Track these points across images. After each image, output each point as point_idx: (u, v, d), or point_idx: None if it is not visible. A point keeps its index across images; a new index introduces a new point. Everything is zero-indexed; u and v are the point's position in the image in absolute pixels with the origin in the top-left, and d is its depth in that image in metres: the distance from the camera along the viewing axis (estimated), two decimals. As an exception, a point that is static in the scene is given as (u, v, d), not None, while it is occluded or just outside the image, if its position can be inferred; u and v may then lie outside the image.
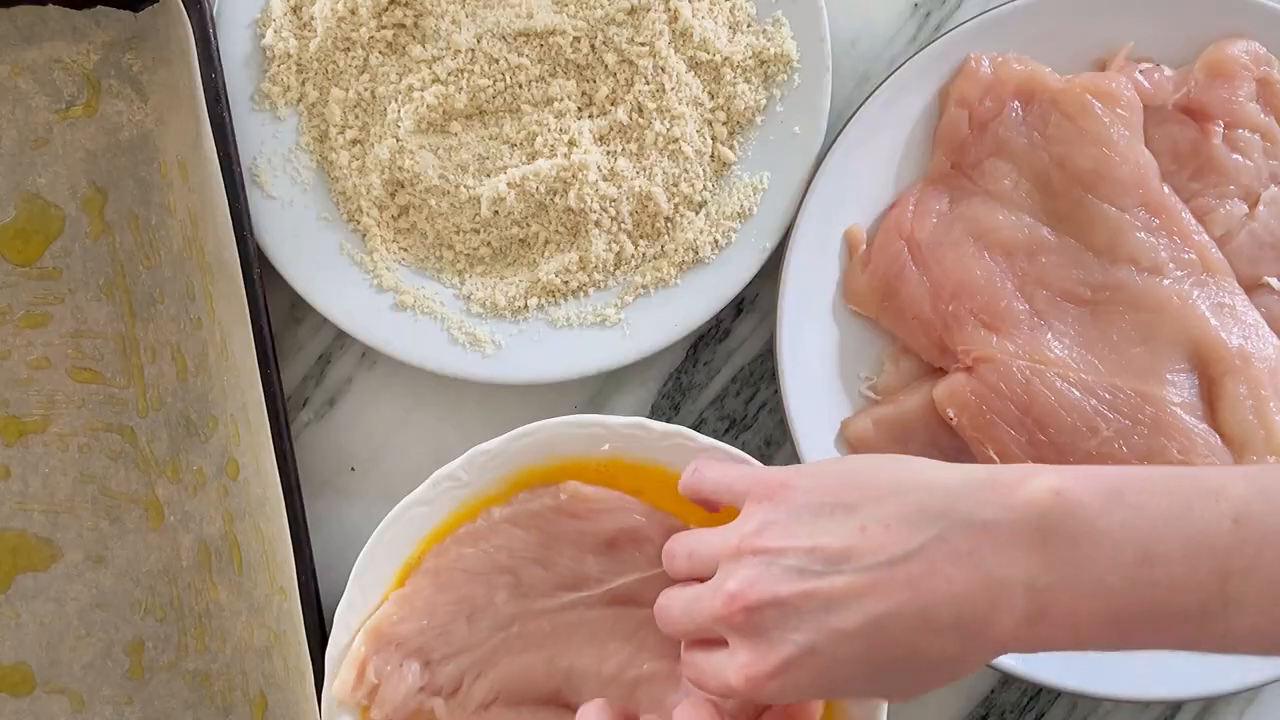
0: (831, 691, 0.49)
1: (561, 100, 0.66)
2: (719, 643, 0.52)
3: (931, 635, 0.46)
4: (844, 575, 0.47)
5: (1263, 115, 0.66)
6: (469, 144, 0.66)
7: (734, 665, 0.50)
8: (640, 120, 0.66)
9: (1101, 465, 0.50)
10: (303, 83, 0.68)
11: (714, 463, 0.56)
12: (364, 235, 0.68)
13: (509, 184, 0.65)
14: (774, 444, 0.70)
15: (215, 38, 0.65)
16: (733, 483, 0.54)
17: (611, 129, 0.66)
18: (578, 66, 0.66)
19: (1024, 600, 0.45)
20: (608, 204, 0.66)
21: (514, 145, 0.66)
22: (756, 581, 0.49)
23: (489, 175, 0.66)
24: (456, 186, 0.66)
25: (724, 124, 0.67)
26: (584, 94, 0.67)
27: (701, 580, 0.53)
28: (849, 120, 0.66)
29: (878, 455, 0.52)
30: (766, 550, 0.49)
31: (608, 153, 0.66)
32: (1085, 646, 0.46)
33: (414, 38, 0.66)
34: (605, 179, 0.66)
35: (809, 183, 0.66)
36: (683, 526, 0.61)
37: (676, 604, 0.54)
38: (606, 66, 0.66)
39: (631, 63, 0.66)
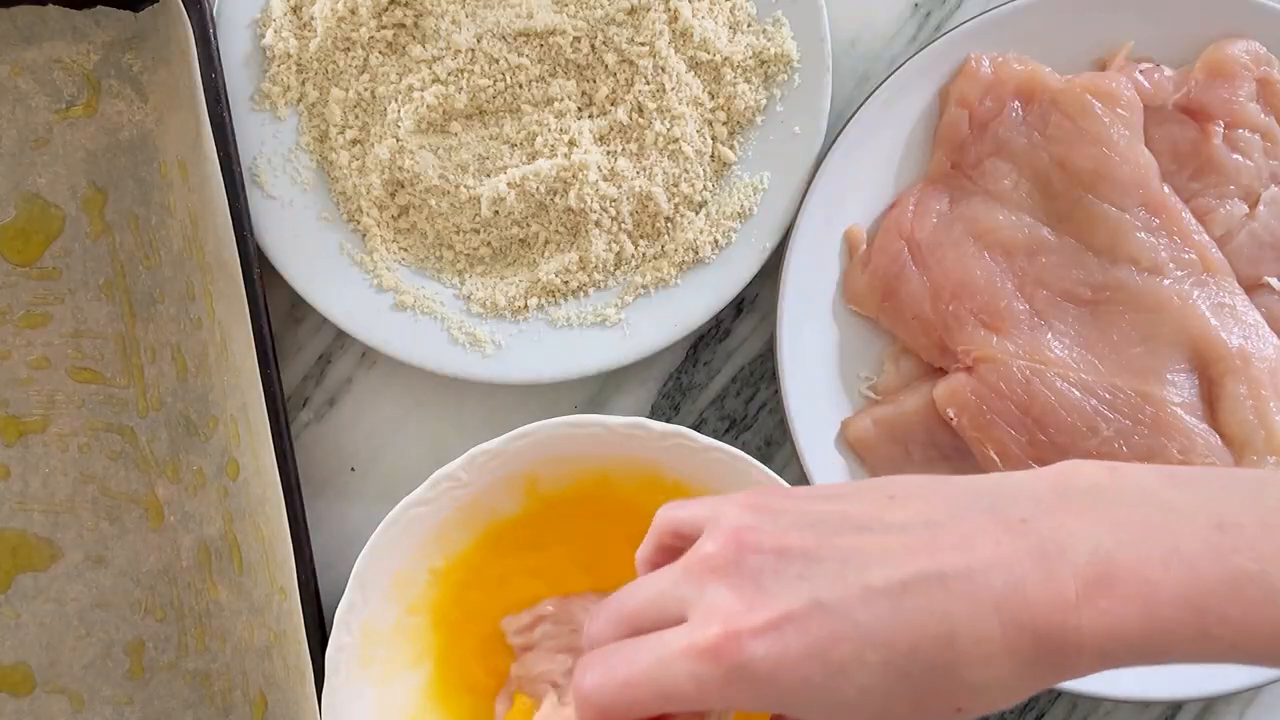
0: (824, 693, 0.37)
1: (561, 100, 0.66)
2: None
3: (974, 609, 0.37)
4: (874, 534, 0.39)
5: (1263, 115, 0.66)
6: (469, 144, 0.66)
7: (701, 622, 0.37)
8: (640, 120, 0.66)
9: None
10: (303, 83, 0.68)
11: (684, 501, 0.44)
12: (364, 235, 0.68)
13: (509, 184, 0.65)
14: (774, 444, 0.69)
15: (215, 38, 0.65)
16: (715, 501, 0.42)
17: (611, 129, 0.66)
18: (578, 66, 0.66)
19: (1086, 564, 0.37)
20: (608, 204, 0.66)
21: (514, 145, 0.66)
22: (760, 527, 0.39)
23: (489, 175, 0.66)
24: (456, 186, 0.66)
25: (724, 124, 0.67)
26: (584, 94, 0.67)
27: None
28: (849, 120, 0.66)
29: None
30: (771, 509, 0.40)
31: (608, 153, 0.66)
32: (1160, 637, 0.37)
33: (414, 38, 0.66)
34: (605, 179, 0.66)
35: (809, 183, 0.66)
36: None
37: (636, 585, 0.41)
38: (606, 66, 0.66)
39: (631, 63, 0.66)
